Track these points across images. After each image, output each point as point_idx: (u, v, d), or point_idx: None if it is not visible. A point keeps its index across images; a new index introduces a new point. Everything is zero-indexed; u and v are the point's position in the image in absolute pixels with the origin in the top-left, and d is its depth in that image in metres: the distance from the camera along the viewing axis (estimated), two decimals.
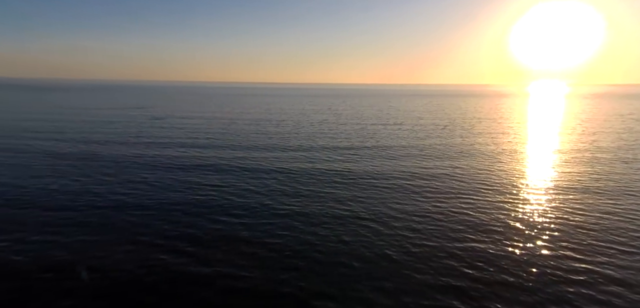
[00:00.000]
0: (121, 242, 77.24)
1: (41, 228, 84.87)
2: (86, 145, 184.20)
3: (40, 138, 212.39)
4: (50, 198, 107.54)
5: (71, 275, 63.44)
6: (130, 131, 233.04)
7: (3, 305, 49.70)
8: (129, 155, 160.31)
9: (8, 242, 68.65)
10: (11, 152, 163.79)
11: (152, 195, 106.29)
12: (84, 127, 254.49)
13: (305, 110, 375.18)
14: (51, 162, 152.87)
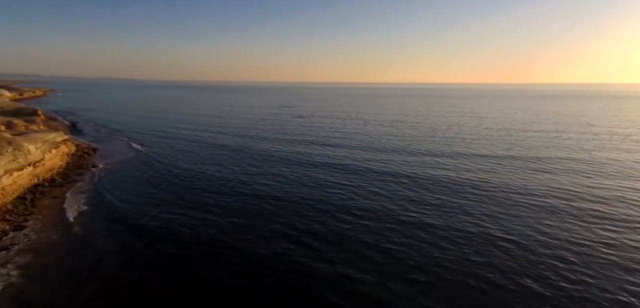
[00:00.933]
0: (259, 228, 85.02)
1: (201, 207, 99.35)
2: (241, 139, 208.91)
3: (209, 130, 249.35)
4: (209, 183, 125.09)
5: (220, 250, 72.35)
6: (276, 128, 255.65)
7: (166, 264, 60.25)
8: (272, 149, 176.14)
9: (175, 215, 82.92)
10: (187, 141, 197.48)
11: (287, 188, 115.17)
12: (242, 123, 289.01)
13: (442, 112, 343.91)
14: (213, 151, 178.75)
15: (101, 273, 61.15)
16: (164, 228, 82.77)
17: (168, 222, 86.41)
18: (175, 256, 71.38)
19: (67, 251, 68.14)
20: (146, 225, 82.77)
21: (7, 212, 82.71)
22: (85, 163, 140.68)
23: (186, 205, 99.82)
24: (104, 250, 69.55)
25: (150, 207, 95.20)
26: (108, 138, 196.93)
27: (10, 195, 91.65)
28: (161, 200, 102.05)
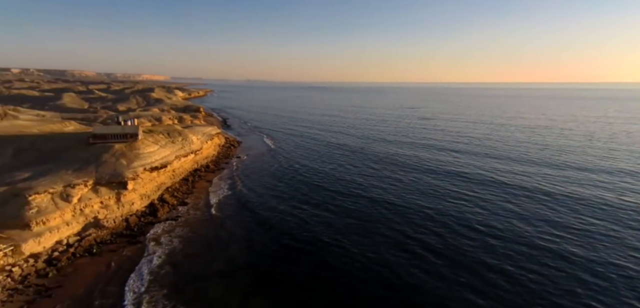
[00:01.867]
0: (371, 232, 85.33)
1: (317, 203, 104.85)
2: (362, 140, 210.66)
3: (332, 130, 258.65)
4: (327, 181, 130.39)
5: (330, 248, 75.27)
6: (398, 130, 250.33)
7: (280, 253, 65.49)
8: (391, 152, 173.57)
9: (294, 209, 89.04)
10: (311, 139, 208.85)
11: (404, 194, 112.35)
12: (364, 123, 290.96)
13: (601, 117, 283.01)
14: (334, 150, 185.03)
15: (227, 253, 72.38)
16: (282, 219, 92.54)
17: (287, 214, 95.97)
18: (289, 247, 78.81)
19: (208, 229, 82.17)
20: (268, 215, 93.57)
21: (175, 189, 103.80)
22: (231, 153, 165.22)
23: (304, 200, 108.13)
24: (232, 233, 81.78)
25: (274, 199, 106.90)
26: (249, 133, 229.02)
27: (178, 177, 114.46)
28: (283, 193, 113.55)
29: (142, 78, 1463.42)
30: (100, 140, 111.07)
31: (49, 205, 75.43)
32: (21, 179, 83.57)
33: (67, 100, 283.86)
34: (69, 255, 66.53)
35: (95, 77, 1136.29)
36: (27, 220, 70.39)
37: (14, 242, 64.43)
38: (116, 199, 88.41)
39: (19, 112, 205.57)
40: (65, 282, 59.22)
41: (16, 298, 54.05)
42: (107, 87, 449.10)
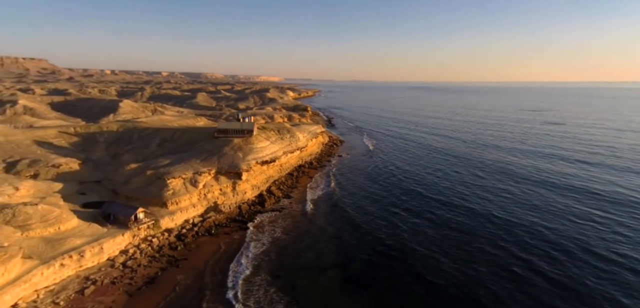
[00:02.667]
0: (471, 248, 79.19)
1: (412, 210, 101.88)
2: (469, 145, 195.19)
3: (437, 133, 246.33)
4: (426, 187, 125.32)
5: (420, 260, 72.77)
6: (515, 136, 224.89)
7: (366, 257, 65.16)
8: (504, 161, 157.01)
9: (386, 213, 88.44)
10: (412, 142, 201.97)
11: (513, 208, 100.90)
12: (474, 127, 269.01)
13: None
14: (436, 155, 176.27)
15: (321, 248, 75.67)
16: (376, 222, 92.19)
17: (378, 218, 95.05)
18: (379, 252, 77.85)
19: (307, 223, 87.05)
20: (363, 216, 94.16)
21: (281, 183, 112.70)
22: (333, 152, 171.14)
23: (398, 206, 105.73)
24: (327, 230, 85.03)
25: (369, 201, 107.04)
26: (351, 132, 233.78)
27: (284, 171, 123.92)
28: (379, 195, 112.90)
29: (260, 79, 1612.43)
30: (223, 135, 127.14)
31: (181, 188, 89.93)
32: (163, 165, 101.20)
33: (200, 99, 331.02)
34: (194, 233, 78.49)
35: (222, 79, 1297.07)
36: (165, 200, 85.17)
37: (155, 217, 78.82)
38: (232, 188, 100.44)
39: (165, 108, 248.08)
40: (189, 255, 70.24)
41: (154, 264, 66.40)
42: (231, 88, 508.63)
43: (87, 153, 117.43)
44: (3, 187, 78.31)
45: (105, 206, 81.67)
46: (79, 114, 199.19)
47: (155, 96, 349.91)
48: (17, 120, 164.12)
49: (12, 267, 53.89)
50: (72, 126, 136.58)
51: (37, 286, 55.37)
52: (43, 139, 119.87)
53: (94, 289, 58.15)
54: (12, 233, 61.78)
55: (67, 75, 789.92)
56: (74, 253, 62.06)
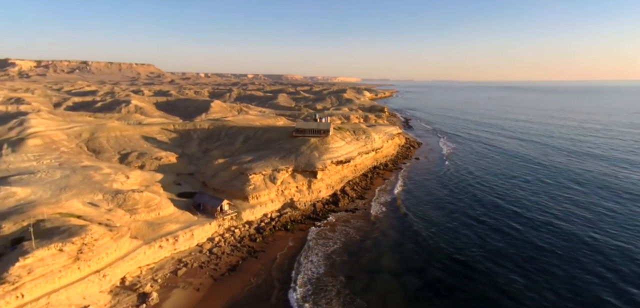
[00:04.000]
0: (562, 272, 70.44)
1: (489, 227, 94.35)
2: (563, 154, 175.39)
3: (523, 137, 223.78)
4: (507, 200, 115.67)
5: (494, 287, 66.39)
6: (627, 144, 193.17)
7: (428, 273, 61.68)
8: (604, 173, 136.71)
9: (457, 225, 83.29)
10: (494, 147, 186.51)
11: (615, 230, 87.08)
12: (568, 132, 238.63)
13: None
14: (522, 164, 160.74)
15: (387, 252, 73.70)
16: (447, 233, 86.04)
17: (452, 229, 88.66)
18: (449, 267, 72.09)
19: (376, 225, 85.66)
20: (432, 225, 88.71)
21: (355, 183, 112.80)
22: (409, 154, 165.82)
23: (473, 217, 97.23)
24: (394, 234, 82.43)
25: (443, 209, 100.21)
26: (429, 135, 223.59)
27: (359, 172, 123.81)
28: (453, 204, 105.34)
29: (338, 80, 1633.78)
30: (300, 134, 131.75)
31: (261, 184, 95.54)
32: (246, 161, 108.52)
33: (280, 99, 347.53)
34: (271, 227, 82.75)
35: (302, 80, 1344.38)
36: (247, 194, 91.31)
37: (238, 209, 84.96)
38: (308, 186, 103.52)
39: (249, 108, 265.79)
40: (267, 248, 74.29)
41: (235, 253, 71.62)
42: (309, 89, 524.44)
43: (183, 148, 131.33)
44: (118, 175, 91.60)
45: (196, 196, 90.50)
46: (178, 113, 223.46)
47: (241, 97, 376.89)
48: (130, 117, 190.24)
49: (123, 244, 62.77)
50: (171, 124, 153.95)
51: (140, 263, 63.67)
52: (149, 134, 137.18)
53: (185, 271, 64.86)
54: (123, 215, 71.95)
55: (169, 78, 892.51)
56: (170, 237, 69.97)
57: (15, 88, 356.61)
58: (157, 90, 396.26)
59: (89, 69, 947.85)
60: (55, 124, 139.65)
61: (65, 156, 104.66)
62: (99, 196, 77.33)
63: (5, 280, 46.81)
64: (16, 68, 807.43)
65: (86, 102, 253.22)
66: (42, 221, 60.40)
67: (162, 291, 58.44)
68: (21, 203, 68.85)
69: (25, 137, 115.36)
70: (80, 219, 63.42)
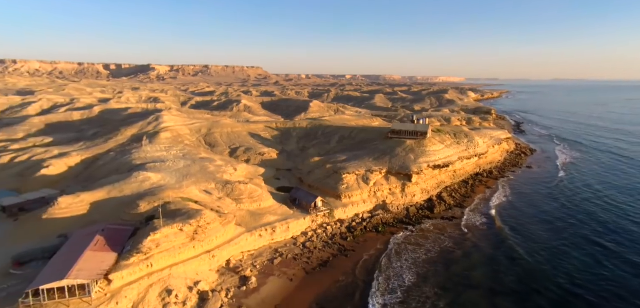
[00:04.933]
0: None
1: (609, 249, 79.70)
2: None
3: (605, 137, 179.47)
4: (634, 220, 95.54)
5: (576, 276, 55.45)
6: None
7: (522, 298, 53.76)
8: None
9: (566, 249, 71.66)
10: (623, 159, 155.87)
11: None
12: None
13: None
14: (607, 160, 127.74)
15: (468, 265, 67.62)
16: (558, 255, 75.19)
17: (553, 251, 76.41)
18: (560, 294, 62.53)
19: (473, 237, 79.16)
20: (540, 244, 78.01)
21: (454, 190, 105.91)
22: (520, 162, 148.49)
23: (589, 239, 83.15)
24: (482, 248, 74.91)
25: (553, 225, 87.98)
26: (543, 141, 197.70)
27: (458, 178, 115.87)
28: (568, 221, 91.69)
29: (439, 80, 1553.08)
30: (396, 136, 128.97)
31: (354, 184, 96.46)
32: (340, 160, 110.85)
33: (377, 100, 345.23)
34: (362, 228, 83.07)
35: (400, 80, 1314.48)
36: (340, 192, 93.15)
37: (331, 207, 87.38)
38: (401, 189, 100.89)
39: (345, 108, 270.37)
40: (357, 248, 74.90)
41: (327, 250, 73.84)
42: (407, 89, 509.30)
43: (283, 145, 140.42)
44: (227, 168, 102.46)
45: (293, 192, 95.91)
46: (280, 112, 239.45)
47: (338, 97, 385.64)
48: (240, 115, 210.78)
49: (229, 230, 70.08)
50: (274, 122, 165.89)
51: (243, 249, 70.27)
52: (254, 131, 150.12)
53: (281, 261, 69.36)
54: (230, 203, 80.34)
55: (274, 80, 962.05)
56: (269, 227, 75.60)
57: (154, 89, 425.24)
58: (263, 91, 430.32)
59: (209, 72, 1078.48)
60: (181, 120, 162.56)
61: (188, 148, 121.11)
62: (212, 185, 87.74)
63: (140, 251, 56.44)
64: (155, 72, 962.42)
65: (206, 101, 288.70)
66: (168, 203, 71.16)
67: (260, 277, 63.64)
68: (154, 187, 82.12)
69: (159, 131, 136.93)
70: (197, 204, 72.81)
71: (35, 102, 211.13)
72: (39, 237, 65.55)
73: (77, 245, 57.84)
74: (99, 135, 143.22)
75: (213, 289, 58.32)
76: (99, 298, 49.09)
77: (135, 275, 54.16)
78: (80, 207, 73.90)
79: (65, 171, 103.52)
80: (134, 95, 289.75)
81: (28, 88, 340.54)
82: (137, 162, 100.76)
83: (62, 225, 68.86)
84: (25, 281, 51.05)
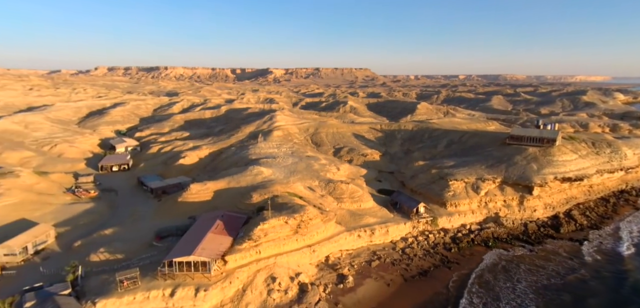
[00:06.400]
0: None
1: None
2: None
3: None
4: None
5: None
6: None
7: None
8: None
9: None
10: None
11: None
12: None
13: None
14: None
15: (601, 301, 54.16)
16: None
17: None
18: None
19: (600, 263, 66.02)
20: None
21: (588, 208, 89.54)
22: None
23: None
24: (620, 288, 60.60)
25: None
26: None
27: (595, 194, 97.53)
28: None
29: (575, 79, 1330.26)
30: (516, 142, 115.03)
31: (462, 192, 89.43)
32: (447, 166, 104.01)
33: (494, 102, 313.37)
34: (469, 240, 76.58)
35: (524, 80, 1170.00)
36: (445, 200, 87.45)
37: (434, 214, 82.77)
38: (519, 202, 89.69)
39: (456, 111, 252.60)
40: (462, 261, 69.40)
41: (427, 259, 70.22)
42: (533, 90, 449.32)
43: (386, 147, 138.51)
44: (331, 167, 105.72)
45: (394, 195, 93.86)
46: (385, 113, 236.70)
47: (449, 99, 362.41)
48: (345, 116, 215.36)
49: (329, 227, 72.28)
50: (378, 123, 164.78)
51: (341, 247, 71.70)
52: (358, 132, 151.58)
53: (378, 264, 68.63)
54: (332, 201, 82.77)
55: (381, 81, 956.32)
56: (368, 229, 75.52)
57: (270, 91, 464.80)
58: (369, 92, 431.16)
59: (320, 74, 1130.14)
60: (291, 119, 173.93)
61: (296, 146, 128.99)
62: (316, 182, 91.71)
63: (251, 237, 62.33)
64: (272, 75, 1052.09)
65: (314, 102, 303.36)
66: (276, 196, 76.98)
67: (357, 277, 64.09)
68: (265, 180, 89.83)
69: (273, 129, 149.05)
70: (301, 200, 77.08)
71: (178, 102, 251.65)
72: (175, 216, 78.02)
73: (201, 227, 66.89)
74: (223, 131, 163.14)
75: (312, 282, 61.03)
76: (216, 276, 55.96)
77: (246, 259, 60.02)
78: (205, 193, 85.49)
79: (197, 162, 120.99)
80: (253, 96, 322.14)
81: (174, 90, 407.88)
82: (253, 156, 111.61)
83: (191, 208, 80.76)
84: (163, 252, 61.36)
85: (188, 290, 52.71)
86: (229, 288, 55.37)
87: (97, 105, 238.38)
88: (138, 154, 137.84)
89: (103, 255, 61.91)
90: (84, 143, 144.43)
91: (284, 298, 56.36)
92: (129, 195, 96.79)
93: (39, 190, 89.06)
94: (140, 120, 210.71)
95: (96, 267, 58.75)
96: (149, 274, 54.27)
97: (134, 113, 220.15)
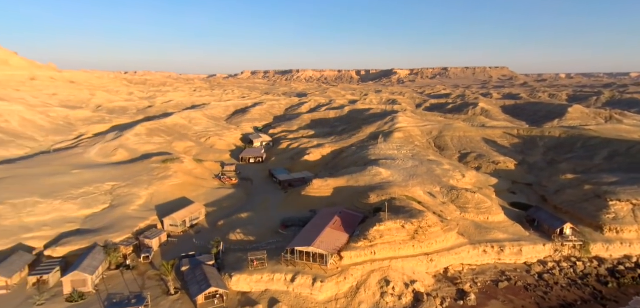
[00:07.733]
0: None
1: None
2: None
3: None
4: None
5: None
6: None
7: None
8: None
9: None
10: None
11: None
12: None
13: None
14: None
15: None
16: None
17: None
18: None
19: None
20: None
21: None
22: None
23: None
24: None
25: None
26: None
27: None
28: None
29: None
30: None
31: (627, 215, 72.33)
32: (607, 182, 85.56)
33: None
34: (635, 276, 61.31)
35: None
36: (602, 223, 72.13)
37: (585, 238, 69.01)
38: None
39: (624, 116, 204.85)
40: (622, 299, 56.22)
41: (573, 290, 58.93)
42: None
43: (524, 155, 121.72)
44: (455, 173, 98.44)
45: (532, 210, 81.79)
46: (524, 117, 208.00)
47: (614, 101, 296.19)
48: (475, 119, 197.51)
49: (450, 237, 67.43)
50: (516, 128, 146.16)
51: (463, 260, 66.06)
52: (490, 137, 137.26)
53: (507, 286, 60.84)
54: (454, 210, 76.98)
55: (522, 81, 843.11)
56: (496, 245, 67.70)
57: (393, 92, 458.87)
58: (506, 93, 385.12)
59: (448, 74, 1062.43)
60: (413, 121, 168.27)
61: (417, 149, 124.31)
62: (437, 188, 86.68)
63: (367, 237, 62.74)
64: (396, 76, 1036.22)
65: (440, 103, 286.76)
66: (394, 199, 75.60)
67: (480, 296, 58.15)
68: (383, 181, 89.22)
69: (393, 131, 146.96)
70: (420, 205, 73.95)
71: (306, 103, 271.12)
72: (298, 208, 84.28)
73: (321, 221, 70.44)
74: (345, 131, 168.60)
75: (428, 293, 57.93)
76: (332, 269, 58.17)
77: (361, 258, 60.72)
78: (326, 189, 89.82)
79: (319, 159, 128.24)
80: (376, 97, 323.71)
81: (303, 91, 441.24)
82: (372, 157, 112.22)
83: (313, 202, 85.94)
84: (286, 240, 66.91)
85: (306, 278, 56.33)
86: (344, 284, 56.91)
87: (241, 105, 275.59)
88: (270, 148, 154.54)
89: (239, 235, 71.02)
90: (229, 137, 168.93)
91: (398, 303, 55.02)
92: (262, 185, 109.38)
93: (196, 175, 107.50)
94: (274, 118, 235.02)
95: (233, 245, 67.86)
96: (274, 258, 59.94)
97: (269, 112, 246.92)
